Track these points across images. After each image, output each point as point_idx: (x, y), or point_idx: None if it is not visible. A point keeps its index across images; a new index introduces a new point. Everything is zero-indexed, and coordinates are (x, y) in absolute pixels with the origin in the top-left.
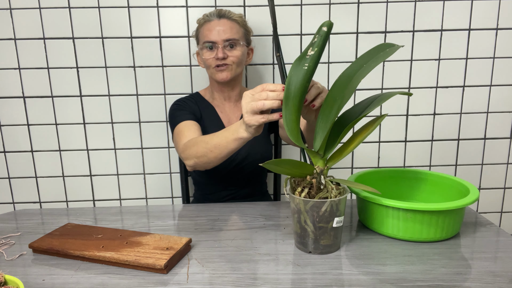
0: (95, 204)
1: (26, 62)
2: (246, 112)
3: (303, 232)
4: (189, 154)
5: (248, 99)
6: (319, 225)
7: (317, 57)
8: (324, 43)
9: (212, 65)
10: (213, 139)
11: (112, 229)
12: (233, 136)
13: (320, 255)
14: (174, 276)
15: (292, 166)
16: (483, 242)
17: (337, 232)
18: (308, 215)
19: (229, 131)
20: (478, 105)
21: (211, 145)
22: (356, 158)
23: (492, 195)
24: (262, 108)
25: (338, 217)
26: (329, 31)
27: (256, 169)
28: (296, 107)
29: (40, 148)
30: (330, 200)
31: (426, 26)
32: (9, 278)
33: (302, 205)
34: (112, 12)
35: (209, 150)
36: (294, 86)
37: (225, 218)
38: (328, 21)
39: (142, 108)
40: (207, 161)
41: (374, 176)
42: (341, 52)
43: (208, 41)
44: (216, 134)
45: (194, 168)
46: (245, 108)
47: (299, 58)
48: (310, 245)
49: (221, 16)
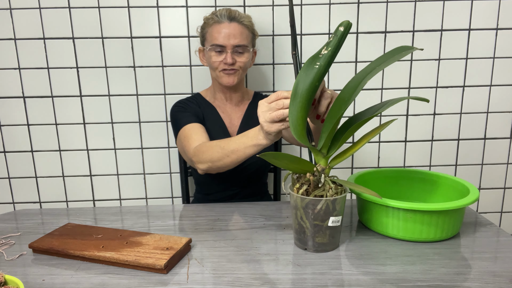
0: (95, 204)
1: (26, 62)
2: (264, 121)
3: (300, 229)
4: (202, 158)
5: (264, 108)
6: (315, 222)
7: (330, 56)
8: (340, 43)
9: (219, 68)
10: (230, 145)
11: (112, 229)
12: (252, 142)
13: (316, 253)
14: (174, 276)
15: (289, 161)
16: (483, 242)
17: (333, 231)
18: (304, 212)
19: (248, 137)
20: (478, 105)
21: (228, 151)
22: (356, 158)
23: (492, 195)
24: (281, 117)
25: (334, 217)
26: (346, 31)
27: (258, 169)
28: (303, 105)
29: (40, 148)
30: (325, 199)
31: (426, 26)
32: (9, 278)
33: (299, 201)
34: (112, 12)
35: (225, 155)
36: (303, 84)
37: (225, 218)
38: (346, 21)
39: (142, 108)
40: (222, 166)
41: (374, 176)
42: (341, 52)
43: (217, 44)
44: (232, 139)
45: (206, 171)
46: (263, 117)
47: (312, 57)
48: (306, 242)
49: (231, 19)
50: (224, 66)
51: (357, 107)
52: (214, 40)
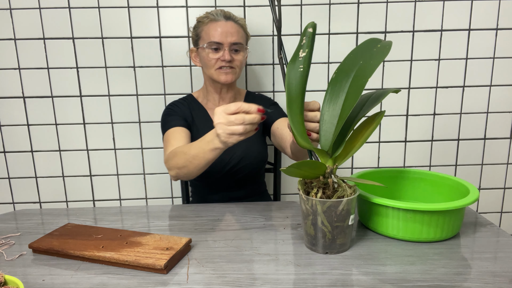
0: (95, 204)
1: (26, 62)
2: (223, 133)
3: (319, 234)
4: (171, 164)
5: (222, 119)
6: (336, 224)
7: (309, 58)
8: (313, 44)
9: (215, 66)
10: (191, 150)
11: (112, 229)
12: (209, 147)
13: (335, 254)
14: (174, 276)
15: (309, 167)
16: (483, 242)
17: (350, 230)
18: (326, 216)
19: (204, 142)
20: (478, 105)
21: (190, 156)
22: (356, 158)
23: (492, 195)
24: (239, 132)
25: (352, 215)
26: (314, 31)
27: (252, 170)
28: (299, 109)
29: (40, 148)
30: (347, 199)
31: (426, 26)
32: (9, 278)
33: (319, 206)
34: (112, 12)
35: (188, 161)
36: (294, 88)
37: (225, 218)
38: (311, 22)
39: (142, 108)
40: (187, 172)
41: (374, 176)
42: (341, 52)
43: (215, 41)
44: (193, 145)
45: (177, 178)
46: (221, 129)
47: (292, 61)
48: (326, 246)
49: (227, 18)
50: (221, 64)
51: None
52: (211, 38)
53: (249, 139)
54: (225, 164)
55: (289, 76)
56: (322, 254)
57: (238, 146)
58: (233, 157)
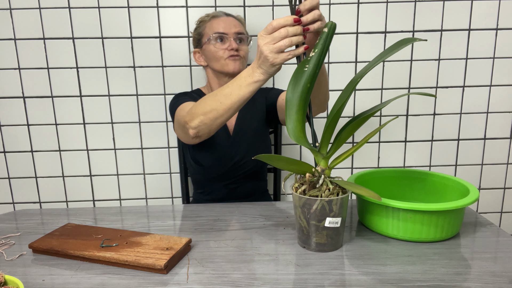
0: (95, 204)
1: (26, 62)
2: (270, 52)
3: (300, 227)
4: (195, 112)
5: (267, 39)
6: (312, 222)
7: (317, 58)
8: (325, 44)
9: (224, 56)
10: (223, 90)
11: (112, 229)
12: (247, 81)
13: (316, 253)
14: (174, 276)
15: (286, 163)
16: (483, 242)
17: (332, 232)
18: (302, 211)
19: (241, 78)
20: (478, 105)
21: (222, 96)
22: (356, 158)
23: (492, 195)
24: (289, 45)
25: (331, 218)
26: (330, 32)
27: (256, 165)
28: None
29: (40, 148)
30: (320, 199)
31: (426, 26)
32: (9, 278)
33: (297, 200)
34: (112, 12)
35: (218, 102)
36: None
37: (225, 218)
38: (330, 21)
39: (142, 108)
40: (215, 116)
41: (374, 176)
42: (341, 52)
43: (220, 32)
44: (225, 85)
45: (197, 133)
46: (268, 49)
47: (302, 62)
48: (305, 240)
49: (228, 15)
50: (230, 53)
51: (357, 107)
52: (215, 29)
53: (254, 135)
54: (230, 158)
55: (293, 78)
56: (322, 253)
57: (243, 141)
58: (238, 152)
